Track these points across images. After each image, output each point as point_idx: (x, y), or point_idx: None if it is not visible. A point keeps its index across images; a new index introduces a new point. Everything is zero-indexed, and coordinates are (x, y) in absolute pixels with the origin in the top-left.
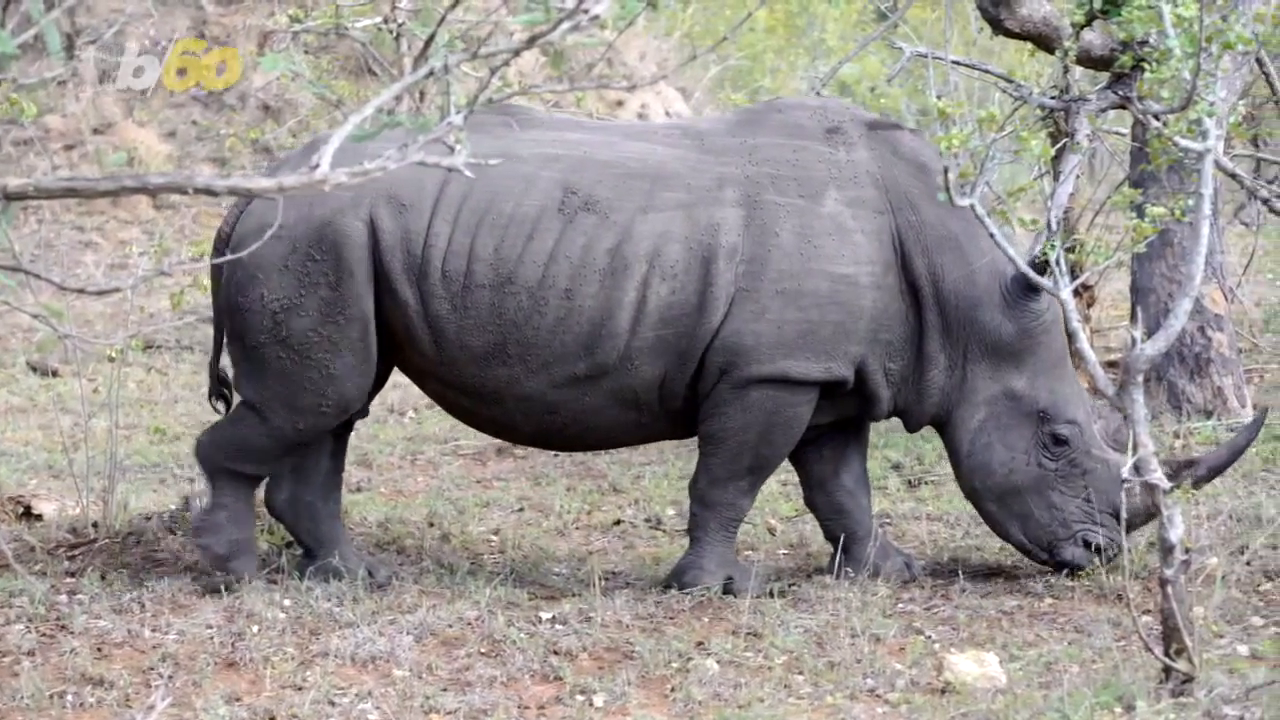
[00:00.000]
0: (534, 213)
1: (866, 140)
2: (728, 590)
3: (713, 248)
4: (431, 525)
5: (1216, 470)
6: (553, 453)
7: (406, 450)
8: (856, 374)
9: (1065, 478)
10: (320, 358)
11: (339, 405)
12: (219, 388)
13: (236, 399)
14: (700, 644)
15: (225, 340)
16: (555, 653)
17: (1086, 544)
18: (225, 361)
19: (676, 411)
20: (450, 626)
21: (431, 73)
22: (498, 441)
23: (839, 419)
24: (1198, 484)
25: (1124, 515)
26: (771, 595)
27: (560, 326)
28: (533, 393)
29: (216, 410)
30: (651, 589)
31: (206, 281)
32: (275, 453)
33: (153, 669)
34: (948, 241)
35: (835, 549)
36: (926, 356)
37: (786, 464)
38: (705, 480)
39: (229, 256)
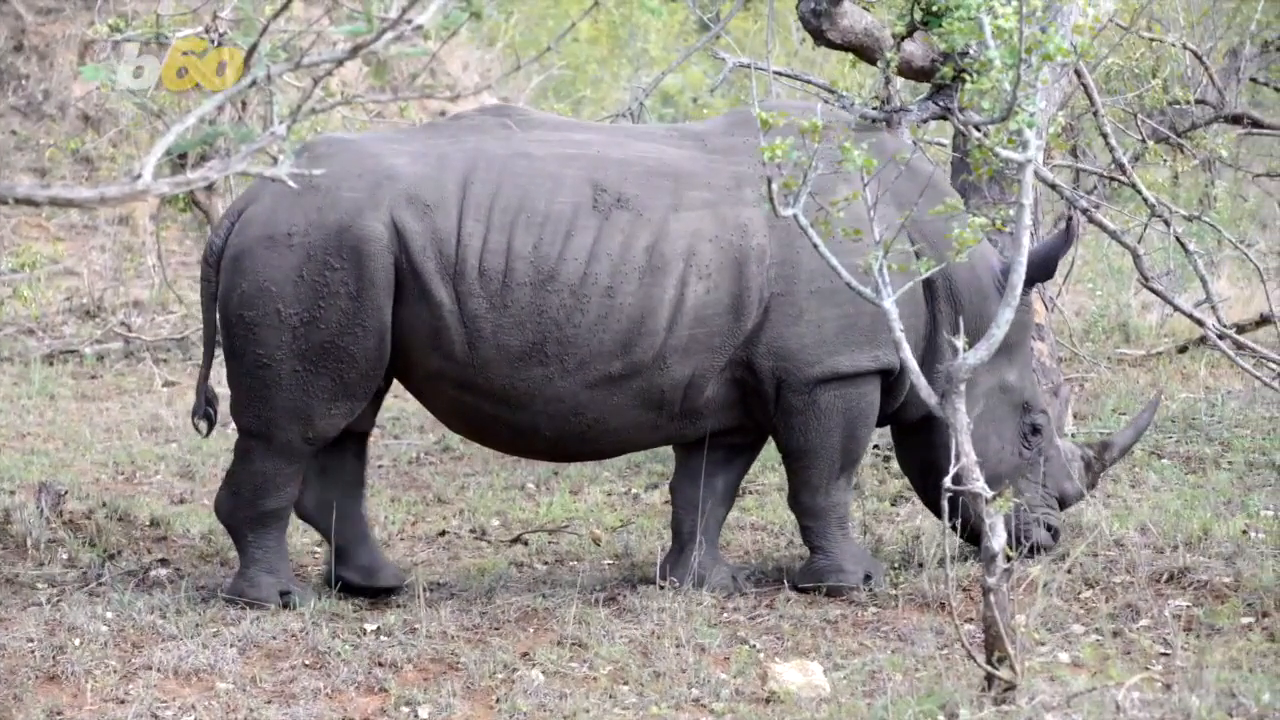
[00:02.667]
0: (569, 210)
1: (858, 140)
2: (865, 581)
3: (744, 249)
4: None
5: (1125, 449)
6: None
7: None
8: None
9: (1032, 466)
10: (335, 368)
11: (347, 413)
12: (205, 406)
13: (229, 428)
14: (525, 655)
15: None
16: (380, 664)
17: (1048, 527)
18: (215, 378)
19: (692, 412)
20: (274, 638)
21: (254, 82)
22: None
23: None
24: (1112, 462)
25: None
26: (596, 605)
27: (600, 325)
28: (564, 393)
29: (198, 429)
30: (477, 600)
31: (27, 292)
32: (290, 472)
33: None
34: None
35: (672, 544)
36: (938, 348)
37: (610, 473)
38: (807, 493)
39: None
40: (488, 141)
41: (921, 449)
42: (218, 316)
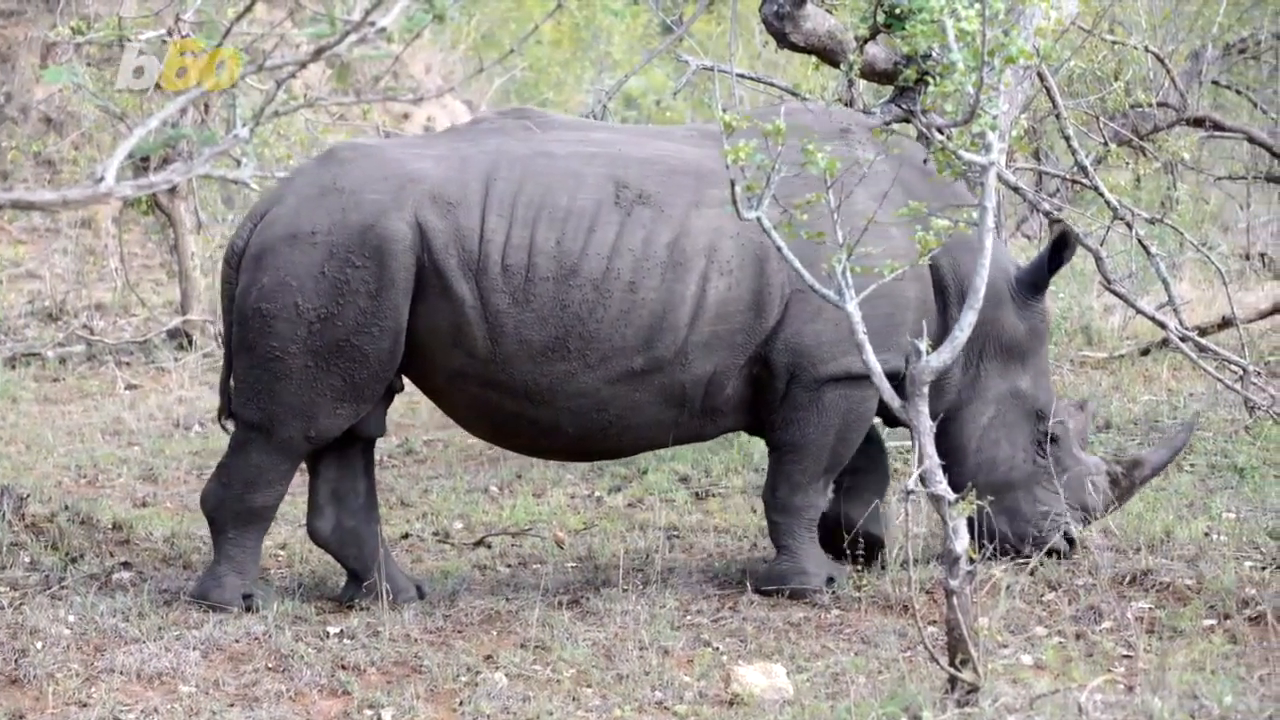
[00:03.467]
0: (591, 206)
1: (873, 142)
2: (828, 584)
3: (764, 246)
4: None
5: (1158, 469)
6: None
7: (193, 465)
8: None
9: (1049, 475)
10: (346, 367)
11: (353, 413)
12: (229, 405)
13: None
14: (489, 657)
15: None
16: (343, 667)
17: (1066, 537)
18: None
19: (712, 409)
20: (237, 641)
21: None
22: None
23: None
24: (1143, 481)
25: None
26: (559, 608)
27: (623, 320)
28: (586, 388)
29: (225, 430)
30: (440, 602)
31: None
32: (285, 469)
33: None
34: (962, 239)
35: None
36: None
37: (574, 476)
38: (786, 488)
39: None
40: (509, 142)
41: None
42: (236, 312)
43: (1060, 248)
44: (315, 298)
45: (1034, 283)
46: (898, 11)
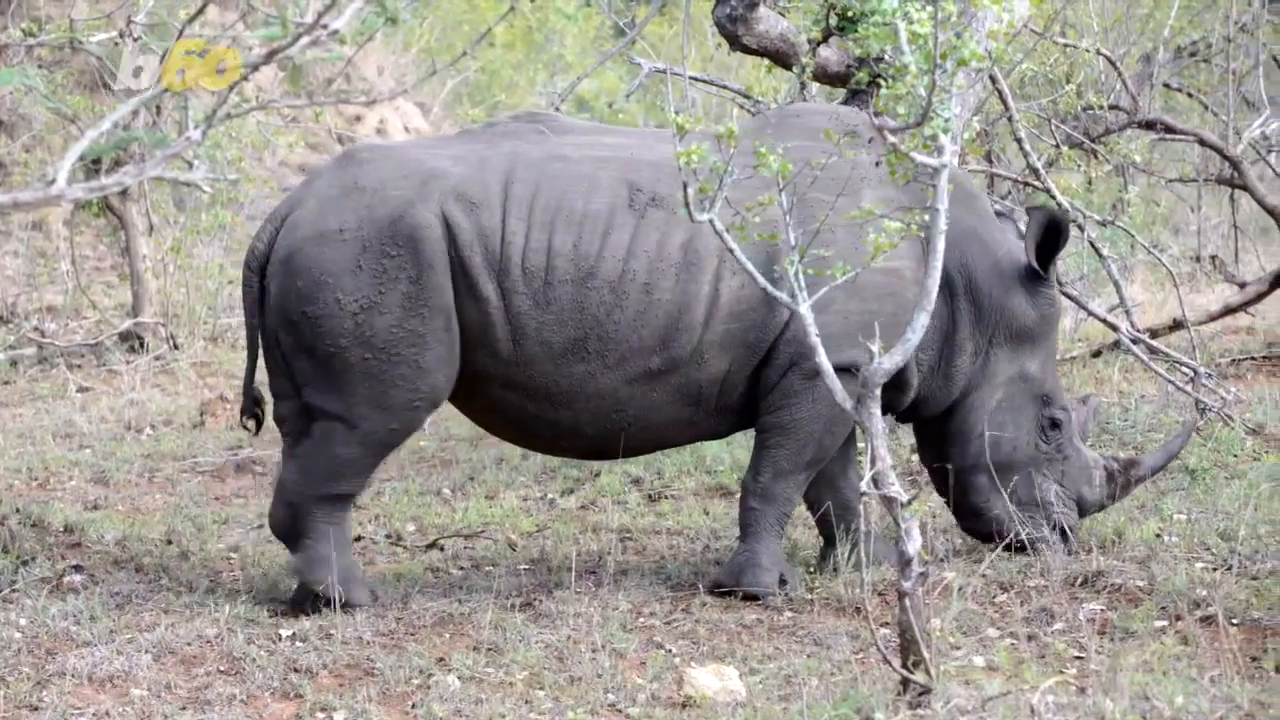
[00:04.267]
0: (605, 209)
1: (879, 142)
2: (780, 585)
3: (775, 244)
4: (170, 543)
5: (1155, 470)
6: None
7: (144, 468)
8: None
9: (1050, 461)
10: (408, 353)
11: (431, 399)
12: (252, 406)
13: (309, 423)
14: (441, 660)
15: (271, 355)
16: (295, 670)
17: (1056, 526)
18: (259, 379)
19: (727, 408)
20: (189, 644)
21: (169, 87)
22: (237, 458)
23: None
24: (1138, 482)
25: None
26: (512, 610)
27: (639, 320)
28: (605, 389)
29: (246, 428)
30: (392, 605)
31: None
32: (369, 462)
33: None
34: (969, 234)
35: (831, 544)
36: (956, 345)
37: (526, 478)
38: (769, 474)
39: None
40: (523, 145)
41: (936, 441)
42: (277, 321)
43: (1053, 234)
44: (355, 290)
45: (1033, 271)
46: (850, 14)
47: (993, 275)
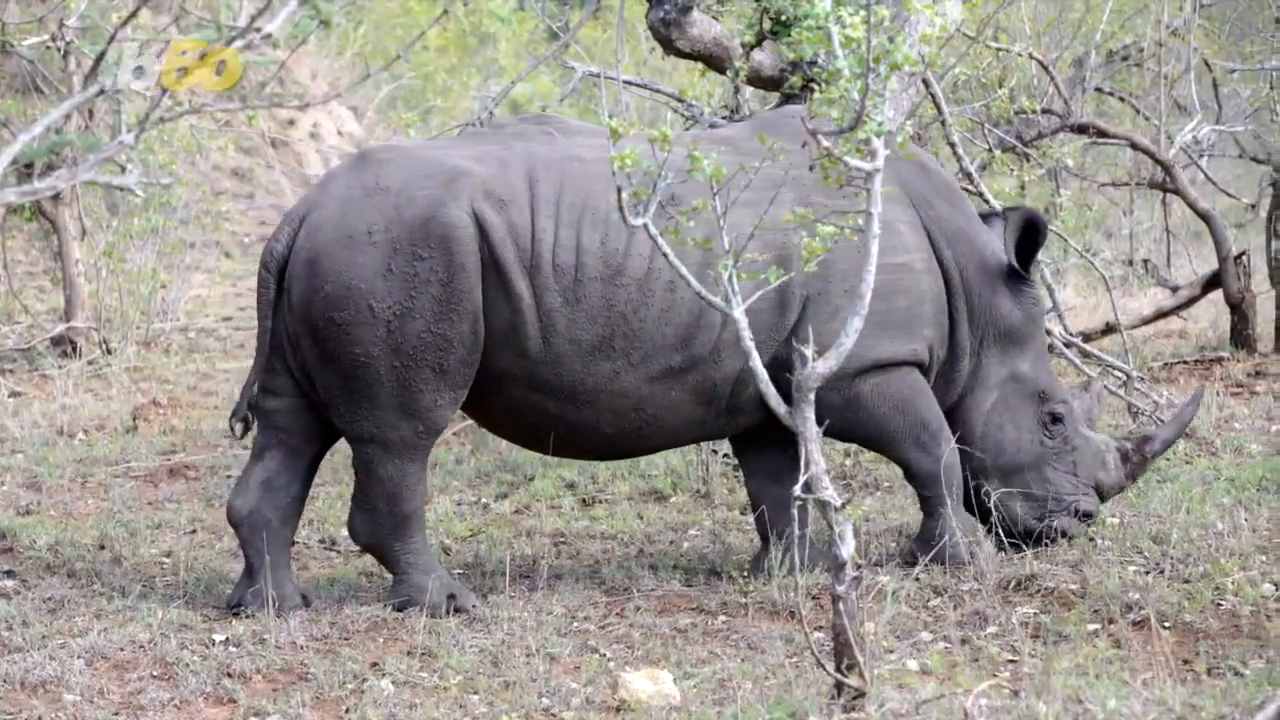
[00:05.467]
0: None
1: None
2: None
3: (786, 245)
4: (103, 548)
5: (1168, 443)
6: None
7: (77, 472)
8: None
9: (1058, 454)
10: (434, 358)
11: (452, 400)
12: (245, 408)
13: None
14: (375, 665)
15: (282, 356)
16: (229, 675)
17: (1078, 513)
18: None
19: (736, 408)
20: (122, 649)
21: (102, 91)
22: (170, 462)
23: None
24: (1154, 457)
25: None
26: (446, 615)
27: (663, 318)
28: (629, 387)
29: (233, 430)
30: (326, 609)
31: None
32: (417, 470)
33: None
34: (959, 234)
35: (766, 546)
36: (958, 345)
37: (460, 482)
38: (915, 465)
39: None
40: (536, 146)
41: None
42: (298, 324)
43: (1032, 233)
44: (387, 296)
45: (1015, 271)
46: (784, 18)
47: (980, 275)
